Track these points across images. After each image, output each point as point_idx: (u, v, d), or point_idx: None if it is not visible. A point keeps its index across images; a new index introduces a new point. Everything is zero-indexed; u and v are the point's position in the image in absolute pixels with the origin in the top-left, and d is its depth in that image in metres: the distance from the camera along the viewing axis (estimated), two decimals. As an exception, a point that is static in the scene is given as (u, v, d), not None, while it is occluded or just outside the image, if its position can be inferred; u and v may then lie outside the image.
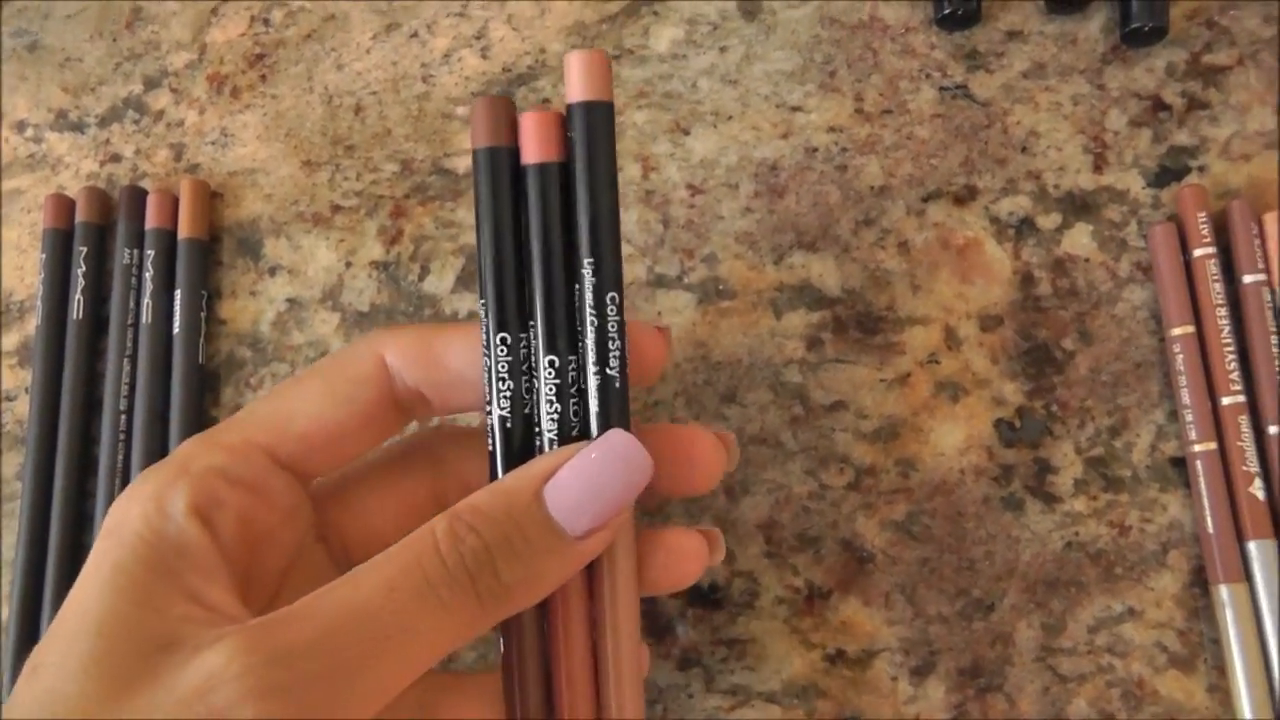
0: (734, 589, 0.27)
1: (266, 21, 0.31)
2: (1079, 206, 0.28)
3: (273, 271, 0.30)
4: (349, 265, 0.29)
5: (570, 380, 0.20)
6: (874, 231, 0.28)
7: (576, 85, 0.20)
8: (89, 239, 0.30)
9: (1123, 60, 0.29)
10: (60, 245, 0.30)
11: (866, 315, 0.28)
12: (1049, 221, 0.28)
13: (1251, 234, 0.27)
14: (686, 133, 0.29)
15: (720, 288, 0.28)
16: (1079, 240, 0.28)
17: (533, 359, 0.20)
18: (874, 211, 0.28)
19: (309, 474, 0.21)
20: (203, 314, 0.29)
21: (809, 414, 0.28)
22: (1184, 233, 0.27)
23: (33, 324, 0.30)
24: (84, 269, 0.29)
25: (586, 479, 0.19)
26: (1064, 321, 0.27)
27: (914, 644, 0.26)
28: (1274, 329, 0.26)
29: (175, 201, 0.30)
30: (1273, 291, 0.27)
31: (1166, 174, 0.28)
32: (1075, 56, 0.29)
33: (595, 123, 0.20)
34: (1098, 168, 0.28)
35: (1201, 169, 0.28)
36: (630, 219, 0.29)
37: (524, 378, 0.20)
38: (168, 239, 0.29)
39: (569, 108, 0.20)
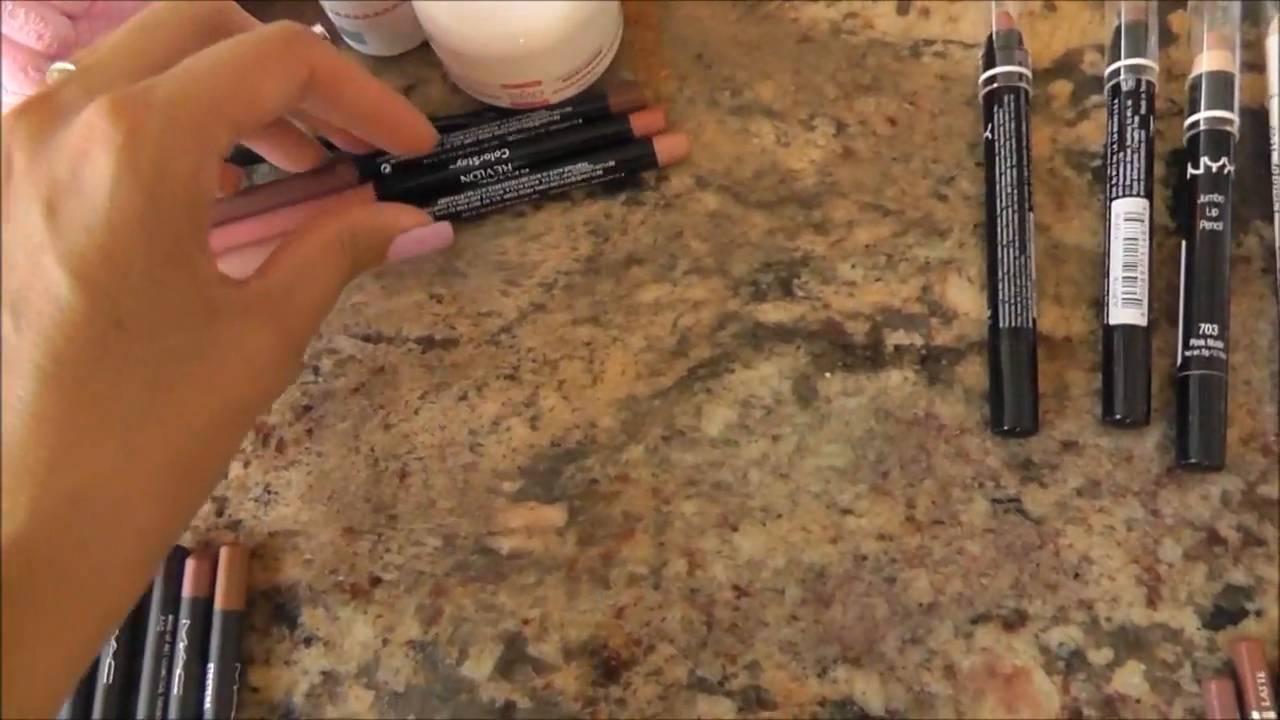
0: None
1: (316, 369, 0.31)
2: (1131, 643, 0.27)
3: (308, 642, 0.29)
4: (385, 643, 0.29)
5: None
6: (920, 651, 0.28)
7: None
8: (125, 594, 0.29)
9: (1178, 484, 0.28)
10: (95, 595, 0.30)
11: (910, 740, 0.27)
12: (1100, 656, 0.27)
13: (1308, 696, 0.26)
14: (735, 529, 0.29)
15: (761, 697, 0.28)
16: (1130, 679, 0.27)
17: None
18: (921, 630, 0.28)
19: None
20: (235, 685, 0.29)
21: (847, 840, 0.27)
22: (1241, 689, 0.27)
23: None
24: (116, 634, 0.29)
25: (413, 246, 0.29)
26: (1112, 763, 0.27)
27: None
28: (1330, 800, 0.26)
29: (214, 567, 0.29)
30: (1329, 758, 0.26)
31: (1222, 615, 0.27)
32: (1130, 476, 0.28)
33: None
34: (1151, 602, 0.28)
35: (1259, 613, 0.27)
36: (674, 617, 0.28)
37: None
38: (204, 607, 0.29)
39: None
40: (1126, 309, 0.29)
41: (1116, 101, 0.30)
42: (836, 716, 0.28)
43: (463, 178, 0.31)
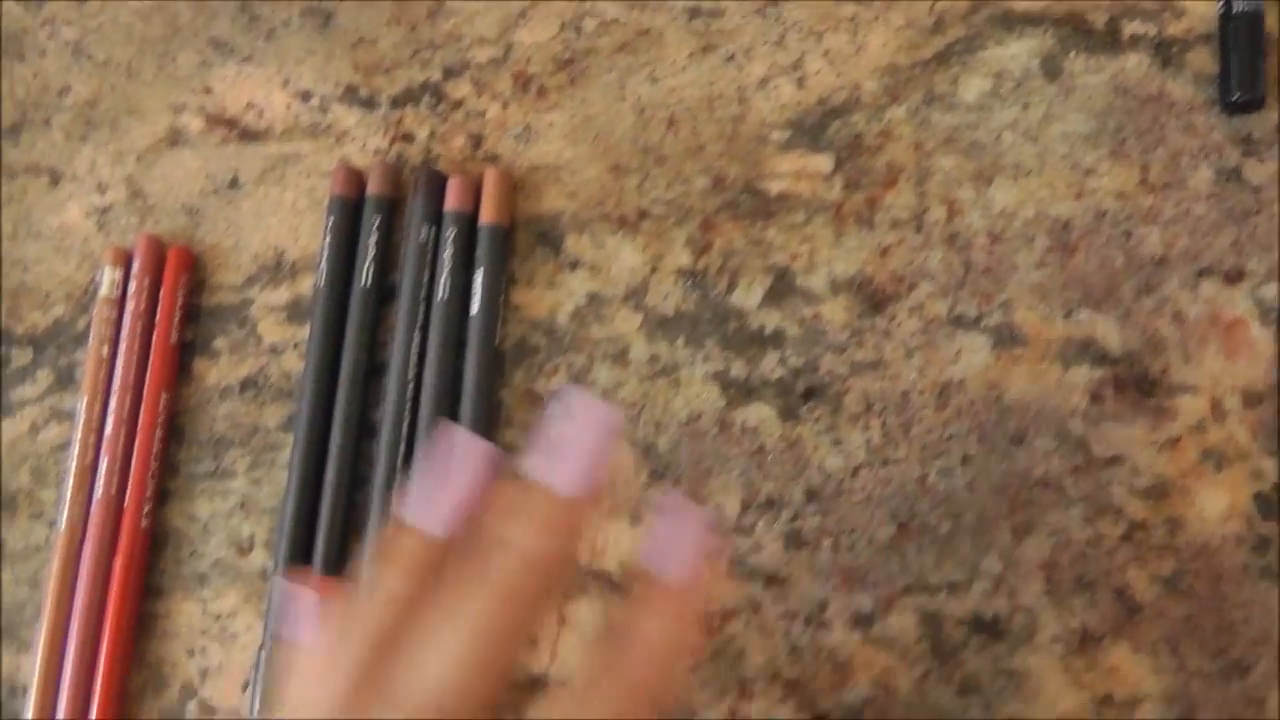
0: (1015, 623, 0.28)
1: (578, 29, 0.31)
2: (1336, 298, 0.31)
3: (573, 266, 0.29)
4: (654, 270, 0.29)
5: None
6: (1153, 299, 0.30)
7: None
8: (383, 211, 0.29)
9: (1372, 169, 0.32)
10: (347, 213, 0.29)
11: (1143, 378, 0.30)
12: (1309, 309, 0.31)
13: None
14: (989, 182, 0.31)
15: (1014, 334, 0.30)
16: (1335, 329, 0.30)
17: None
18: (1153, 280, 0.30)
19: None
20: (502, 297, 0.29)
21: (1089, 464, 0.29)
22: None
23: (304, 283, 0.29)
24: (375, 239, 0.29)
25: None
26: (1317, 402, 0.30)
27: (1175, 697, 0.28)
28: None
29: (476, 187, 0.29)
30: None
31: None
32: (1333, 160, 0.32)
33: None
34: (1354, 264, 0.31)
35: None
36: (935, 258, 0.30)
37: None
38: (467, 222, 0.29)
39: None
40: (1332, 17, 0.32)
41: None
42: (1080, 354, 0.30)
43: None
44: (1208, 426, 0.30)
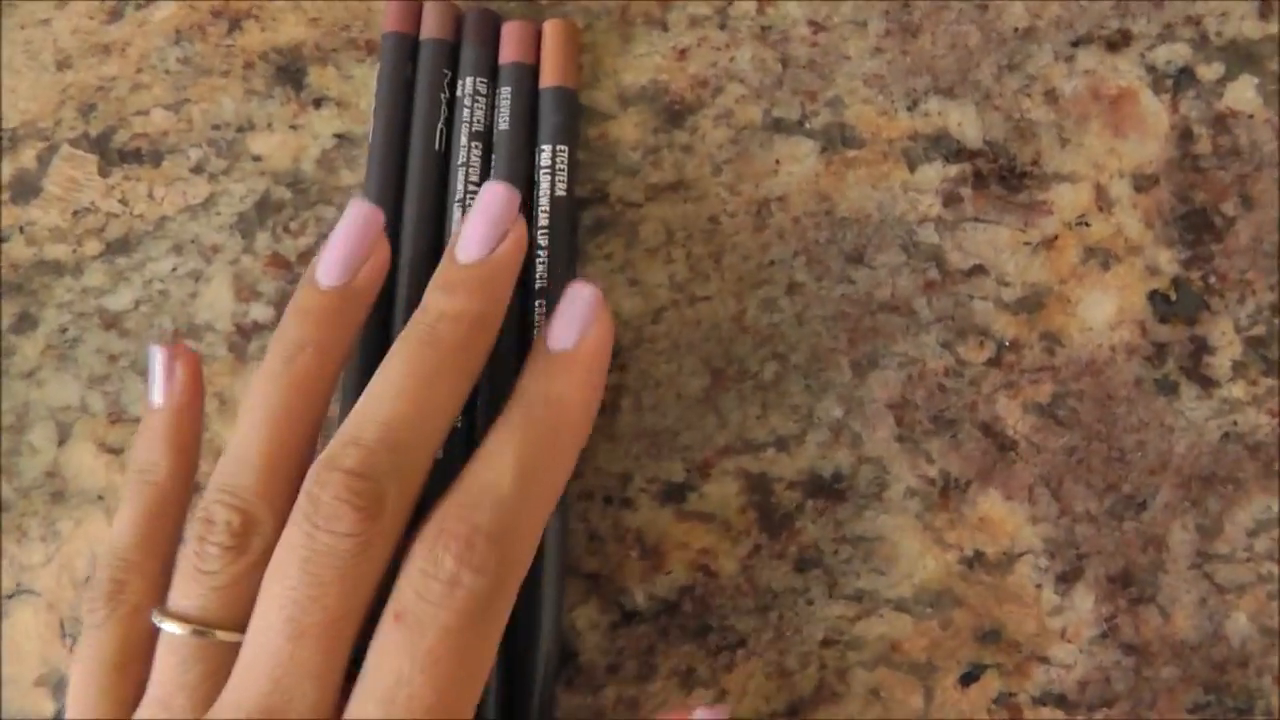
0: (860, 478, 0.23)
1: None
2: (1243, 56, 0.25)
3: (318, 104, 0.25)
4: (411, 99, 0.25)
5: None
6: (1018, 78, 0.25)
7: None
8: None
9: (1287, -100, 0.26)
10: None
11: (1010, 170, 0.25)
12: (1210, 72, 0.25)
13: None
14: (807, -39, 0.26)
15: (846, 135, 0.25)
16: (1243, 94, 0.25)
17: None
18: (1018, 56, 0.25)
19: None
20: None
21: (945, 279, 0.24)
22: (1363, 85, 0.25)
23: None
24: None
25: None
26: (1224, 184, 0.25)
27: (1059, 546, 0.23)
28: None
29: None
30: None
31: (1337, 23, 0.25)
32: (1235, -105, 0.26)
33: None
34: (1264, 14, 0.25)
35: (1375, 19, 0.25)
36: (744, 57, 0.25)
37: None
38: (190, 62, 0.25)
39: None
40: None
41: None
42: (931, 150, 0.25)
43: None
44: (1091, 219, 0.25)
